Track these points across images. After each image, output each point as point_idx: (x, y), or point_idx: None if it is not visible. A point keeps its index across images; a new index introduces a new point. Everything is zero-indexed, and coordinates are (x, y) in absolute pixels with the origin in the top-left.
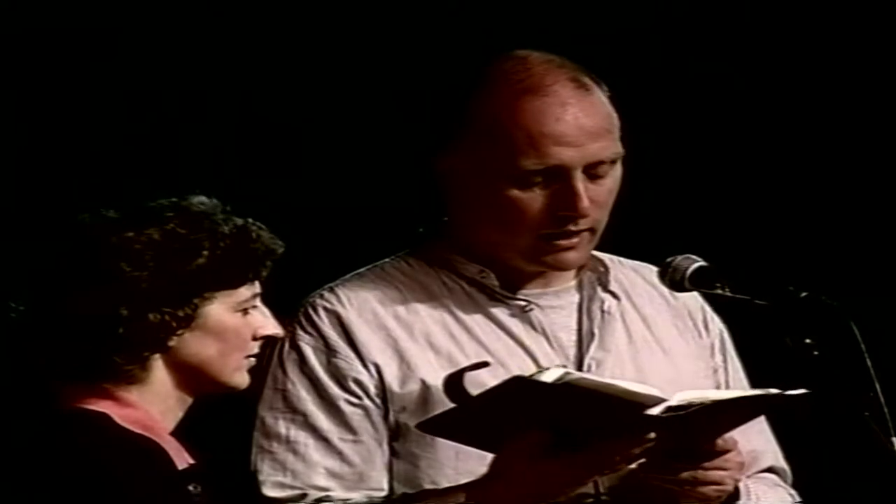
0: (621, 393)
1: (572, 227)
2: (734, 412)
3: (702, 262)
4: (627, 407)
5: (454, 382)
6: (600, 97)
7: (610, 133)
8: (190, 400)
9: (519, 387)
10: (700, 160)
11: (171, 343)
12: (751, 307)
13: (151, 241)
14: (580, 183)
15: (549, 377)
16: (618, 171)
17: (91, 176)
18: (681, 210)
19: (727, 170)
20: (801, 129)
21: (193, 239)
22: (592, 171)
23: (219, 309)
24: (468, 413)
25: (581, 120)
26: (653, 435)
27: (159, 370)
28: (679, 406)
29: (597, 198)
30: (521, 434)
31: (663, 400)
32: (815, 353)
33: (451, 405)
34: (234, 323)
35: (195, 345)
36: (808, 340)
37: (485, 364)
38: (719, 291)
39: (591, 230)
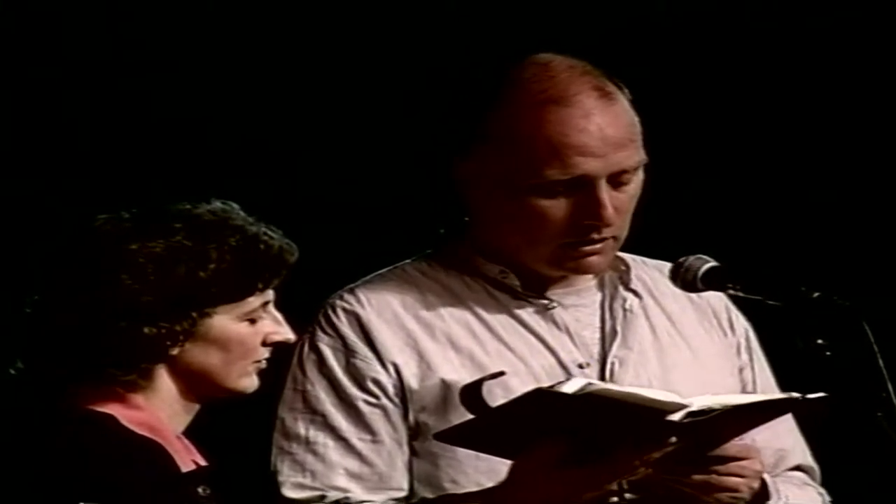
0: (643, 401)
1: (596, 235)
2: (753, 415)
3: (714, 263)
4: (649, 414)
5: (472, 393)
6: (623, 105)
7: (633, 142)
8: (197, 404)
9: (540, 398)
10: (712, 160)
11: (173, 353)
12: (763, 307)
13: (154, 255)
14: (604, 192)
15: (570, 388)
16: (640, 176)
17: (102, 174)
18: (692, 210)
19: (739, 170)
20: (815, 128)
21: (198, 252)
22: (616, 180)
23: (223, 319)
24: (487, 423)
25: (605, 130)
26: (673, 440)
27: (163, 377)
28: (699, 411)
29: (620, 205)
30: (541, 442)
31: (684, 406)
32: (828, 353)
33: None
34: (240, 332)
35: (198, 354)
36: (820, 341)
37: (501, 373)
38: (731, 292)
39: (615, 237)
